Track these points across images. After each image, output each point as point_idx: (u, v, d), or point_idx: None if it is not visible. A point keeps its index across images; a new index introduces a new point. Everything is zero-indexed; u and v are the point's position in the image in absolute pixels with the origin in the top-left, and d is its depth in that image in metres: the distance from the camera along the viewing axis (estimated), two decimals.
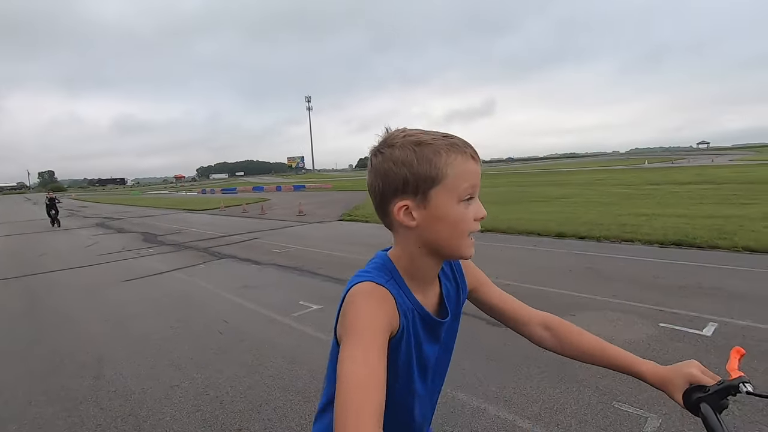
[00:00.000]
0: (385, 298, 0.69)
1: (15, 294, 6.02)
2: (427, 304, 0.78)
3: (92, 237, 12.51)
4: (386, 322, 0.67)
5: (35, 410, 2.80)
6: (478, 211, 0.72)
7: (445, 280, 0.83)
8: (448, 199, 0.69)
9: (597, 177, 27.60)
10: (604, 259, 6.00)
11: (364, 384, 0.58)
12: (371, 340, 0.63)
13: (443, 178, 0.69)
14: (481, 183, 0.73)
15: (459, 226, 0.70)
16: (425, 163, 0.69)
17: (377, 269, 0.75)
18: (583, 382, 2.70)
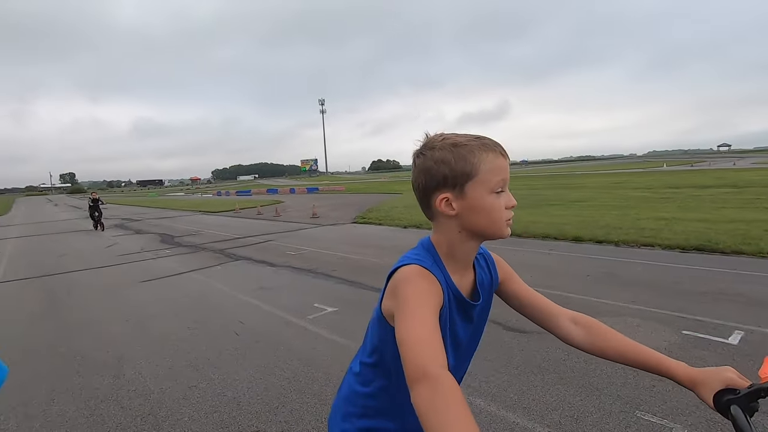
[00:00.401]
0: (431, 281, 0.79)
1: (37, 294, 6.18)
2: (463, 287, 0.87)
3: (112, 238, 12.78)
4: (436, 301, 0.77)
5: (58, 408, 2.86)
6: (509, 200, 0.83)
7: (479, 268, 0.93)
8: (482, 191, 0.80)
9: (614, 180, 27.14)
10: (623, 263, 5.89)
11: (424, 335, 0.67)
12: (426, 311, 0.72)
13: (477, 174, 0.80)
14: None
15: (492, 213, 0.81)
16: (461, 161, 0.80)
17: (422, 253, 0.86)
18: (604, 390, 2.65)
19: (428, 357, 0.64)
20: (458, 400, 0.58)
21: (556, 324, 0.93)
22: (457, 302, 0.86)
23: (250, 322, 4.32)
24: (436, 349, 0.66)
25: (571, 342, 0.92)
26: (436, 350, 0.66)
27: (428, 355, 0.64)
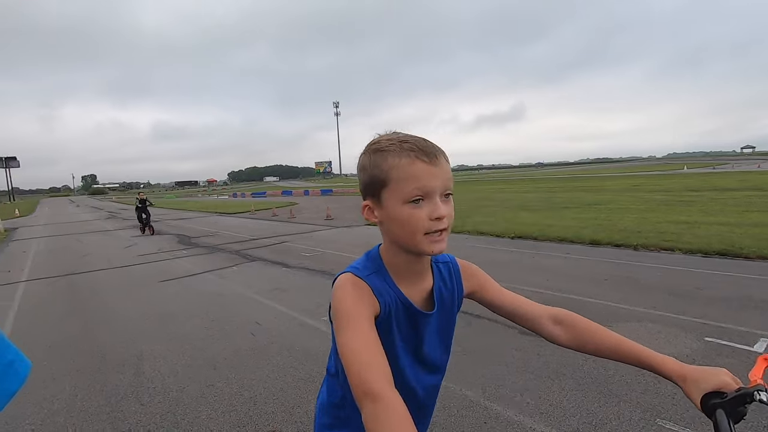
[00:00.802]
0: (360, 287, 0.77)
1: (62, 292, 6.35)
2: (414, 295, 0.83)
3: (131, 238, 13.06)
4: (367, 304, 0.75)
5: (81, 404, 2.93)
6: (433, 210, 0.74)
7: (439, 278, 0.88)
8: (395, 201, 0.75)
9: (632, 183, 26.62)
10: (643, 268, 5.77)
11: (363, 350, 0.66)
12: (357, 317, 0.72)
13: (389, 181, 0.75)
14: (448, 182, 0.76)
15: (407, 225, 0.75)
16: (375, 167, 0.77)
17: (364, 262, 0.84)
18: (623, 397, 2.60)
19: (368, 373, 0.63)
20: (400, 420, 0.58)
21: (539, 326, 0.89)
22: (405, 311, 0.82)
23: (266, 322, 4.36)
24: (376, 364, 0.65)
25: (556, 342, 0.88)
26: (377, 364, 0.65)
27: (368, 372, 0.63)
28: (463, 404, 2.65)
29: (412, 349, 0.85)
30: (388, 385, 0.62)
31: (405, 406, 0.60)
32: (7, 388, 0.38)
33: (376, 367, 0.64)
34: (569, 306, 0.94)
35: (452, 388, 2.83)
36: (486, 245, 8.30)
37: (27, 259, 10.08)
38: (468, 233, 9.86)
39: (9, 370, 0.39)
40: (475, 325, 3.90)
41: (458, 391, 2.80)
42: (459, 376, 2.99)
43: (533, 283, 5.26)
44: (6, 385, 0.38)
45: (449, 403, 2.66)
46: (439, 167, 0.75)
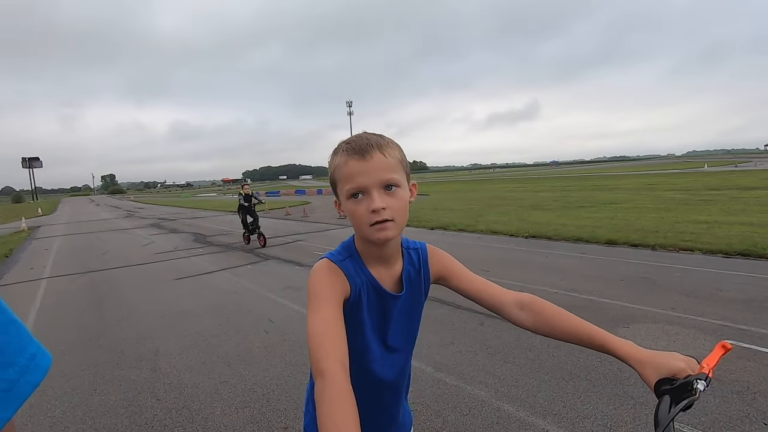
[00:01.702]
0: (335, 271, 0.84)
1: (82, 289, 6.51)
2: (384, 279, 0.89)
3: (148, 237, 13.31)
4: (337, 287, 0.82)
5: (99, 398, 3.00)
6: (370, 204, 0.79)
7: (408, 264, 0.94)
8: (343, 197, 0.83)
9: (649, 181, 26.08)
10: (661, 268, 5.65)
11: (320, 331, 0.72)
12: (323, 300, 0.78)
13: (336, 181, 0.84)
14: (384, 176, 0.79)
15: (354, 219, 0.82)
16: (330, 167, 0.86)
17: (340, 249, 0.90)
18: (639, 399, 2.55)
19: (323, 352, 0.69)
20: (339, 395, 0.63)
21: (504, 311, 0.91)
22: (375, 292, 0.88)
23: (279, 320, 4.40)
24: (332, 343, 0.71)
25: (521, 326, 0.89)
26: (333, 344, 0.71)
27: (324, 350, 0.69)
28: (474, 404, 2.63)
29: (379, 330, 0.90)
30: (336, 363, 0.67)
31: (348, 384, 0.65)
32: (30, 380, 0.39)
33: (330, 347, 0.70)
34: (584, 307, 0.93)
35: (463, 387, 2.82)
36: (499, 244, 8.23)
37: (49, 256, 10.36)
38: (481, 232, 9.80)
39: (31, 363, 0.40)
40: (487, 324, 3.88)
41: (469, 391, 2.78)
42: (470, 375, 2.98)
43: (547, 283, 5.20)
44: (29, 377, 0.39)
45: (460, 403, 2.65)
46: (372, 162, 0.79)
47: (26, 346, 0.41)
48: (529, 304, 0.89)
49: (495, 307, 0.92)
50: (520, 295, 0.91)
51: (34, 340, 0.44)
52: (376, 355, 0.91)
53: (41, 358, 0.43)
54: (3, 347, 0.39)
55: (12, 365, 0.39)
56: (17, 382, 0.39)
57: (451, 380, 2.94)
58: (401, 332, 0.94)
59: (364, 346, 0.89)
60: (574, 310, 0.88)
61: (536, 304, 0.88)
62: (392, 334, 0.93)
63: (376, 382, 0.92)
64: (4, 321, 0.40)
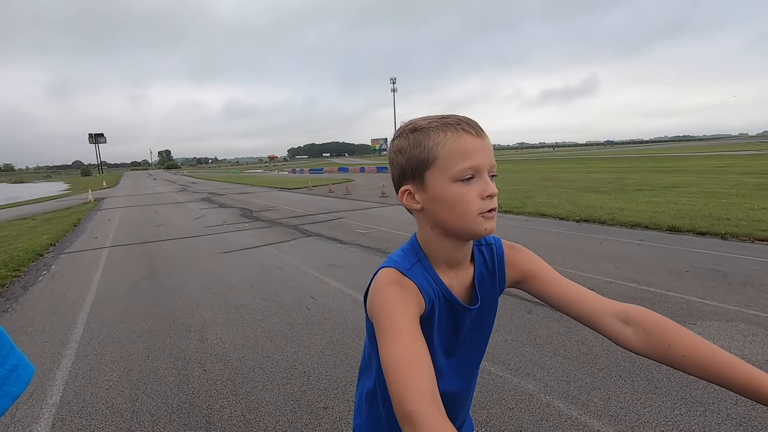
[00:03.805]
0: (404, 286, 0.71)
1: (138, 259, 6.90)
2: (456, 287, 0.77)
3: (199, 210, 13.93)
4: (412, 305, 0.69)
5: (152, 365, 3.14)
6: (485, 189, 0.69)
7: (481, 265, 0.81)
8: (442, 180, 0.69)
9: (718, 163, 23.90)
10: (733, 260, 5.13)
11: (408, 362, 0.59)
12: (400, 324, 0.65)
13: (435, 159, 0.69)
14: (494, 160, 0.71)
15: (458, 206, 0.69)
16: (417, 147, 0.70)
17: (405, 253, 0.77)
18: (710, 406, 2.30)
19: (411, 389, 0.56)
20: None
21: (602, 325, 0.72)
22: (447, 304, 0.76)
23: (321, 298, 4.42)
24: (417, 379, 0.58)
25: (624, 345, 0.70)
26: (418, 380, 0.58)
27: (407, 390, 0.57)
28: (520, 398, 2.49)
29: (448, 343, 0.79)
30: (427, 401, 0.56)
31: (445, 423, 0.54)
32: (9, 392, 0.37)
33: (417, 384, 0.57)
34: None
35: (509, 379, 2.69)
36: (548, 228, 7.84)
37: (111, 227, 11.11)
38: (529, 215, 9.39)
39: (12, 374, 0.37)
40: (535, 313, 3.68)
41: (515, 383, 2.64)
42: (517, 367, 2.83)
43: (601, 271, 4.87)
44: (8, 389, 0.37)
45: (505, 395, 2.52)
46: (485, 142, 0.71)
47: (7, 357, 0.38)
48: (637, 319, 0.69)
49: (589, 320, 0.74)
50: (623, 306, 0.72)
51: (17, 351, 0.40)
52: (444, 370, 0.80)
53: (23, 370, 0.39)
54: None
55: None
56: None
57: (495, 370, 2.81)
58: (472, 344, 0.84)
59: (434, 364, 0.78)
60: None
61: (646, 320, 0.69)
62: (462, 347, 0.81)
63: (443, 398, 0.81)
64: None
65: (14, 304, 4.79)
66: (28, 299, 4.97)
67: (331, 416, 2.42)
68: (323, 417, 2.41)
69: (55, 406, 2.65)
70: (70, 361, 3.26)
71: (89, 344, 3.55)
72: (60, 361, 3.26)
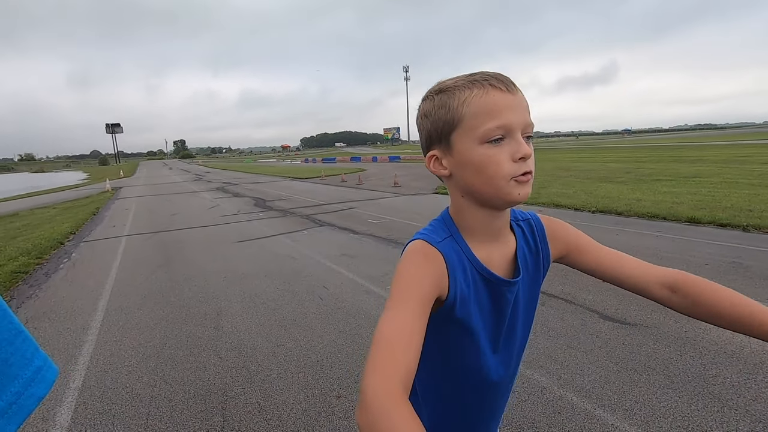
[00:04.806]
0: (432, 258, 0.66)
1: (154, 248, 7.03)
2: (492, 262, 0.72)
3: (214, 200, 14.10)
4: (428, 281, 0.64)
5: (169, 351, 3.21)
6: (517, 150, 0.63)
7: (522, 240, 0.77)
8: (470, 142, 0.64)
9: (741, 153, 23.18)
10: (756, 252, 4.99)
11: (388, 340, 0.56)
12: (406, 297, 0.61)
13: (461, 120, 0.64)
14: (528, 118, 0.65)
15: (486, 170, 0.64)
16: (442, 107, 0.66)
17: (436, 226, 0.73)
18: (728, 402, 2.26)
19: (381, 368, 0.52)
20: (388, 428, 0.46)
21: (650, 294, 0.75)
22: (483, 280, 0.70)
23: (333, 287, 4.45)
24: (394, 356, 0.54)
25: (672, 308, 0.74)
26: (395, 357, 0.54)
27: (379, 363, 0.53)
28: (533, 389, 2.48)
29: (491, 324, 0.74)
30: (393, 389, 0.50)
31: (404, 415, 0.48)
32: (35, 393, 0.37)
33: (389, 365, 0.53)
34: None
35: (521, 371, 2.67)
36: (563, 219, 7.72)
37: (128, 216, 11.32)
38: (543, 205, 9.27)
39: (37, 376, 0.38)
40: (548, 305, 3.64)
41: (528, 375, 2.63)
42: (530, 359, 2.81)
43: None
44: (34, 390, 0.38)
45: (518, 388, 2.51)
46: (518, 97, 0.65)
47: (32, 359, 0.39)
48: (682, 286, 0.71)
49: (636, 288, 0.76)
50: (667, 272, 0.74)
51: (41, 352, 0.40)
52: (487, 355, 0.75)
53: (47, 371, 0.40)
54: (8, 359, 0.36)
55: (17, 378, 0.36)
56: (21, 395, 0.36)
57: None
58: (516, 324, 0.78)
59: (471, 343, 0.72)
60: None
61: (690, 286, 0.71)
62: (507, 328, 0.76)
63: (481, 382, 0.77)
64: (11, 332, 0.37)
65: (37, 291, 4.94)
66: (50, 286, 5.12)
67: (344, 405, 2.45)
68: (336, 405, 2.44)
69: (77, 390, 2.74)
70: (91, 346, 3.36)
71: (109, 331, 3.64)
72: (81, 347, 3.36)
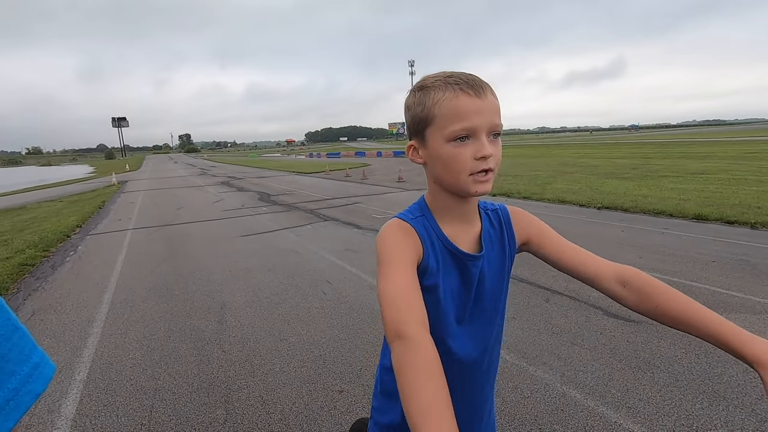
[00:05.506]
0: (406, 230, 0.76)
1: (159, 241, 7.07)
2: (460, 239, 0.80)
3: (218, 194, 14.14)
4: (410, 248, 0.74)
5: (173, 345, 3.23)
6: (478, 149, 0.70)
7: (488, 224, 0.85)
8: (439, 139, 0.72)
9: (751, 149, 22.90)
10: (763, 250, 4.94)
11: (395, 295, 0.65)
12: (396, 262, 0.70)
13: (433, 119, 0.72)
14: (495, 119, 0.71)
15: (451, 165, 0.72)
16: (419, 105, 0.74)
17: (411, 208, 0.83)
18: (733, 401, 2.24)
19: (402, 316, 0.62)
20: (429, 361, 0.56)
21: (602, 286, 0.80)
22: (451, 255, 0.79)
23: (336, 282, 4.46)
24: (410, 306, 0.64)
25: (621, 303, 0.79)
26: (411, 307, 0.64)
27: (402, 314, 0.62)
28: (536, 386, 2.48)
29: (456, 297, 0.80)
30: (419, 326, 0.61)
31: (434, 348, 0.59)
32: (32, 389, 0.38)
33: (410, 309, 0.63)
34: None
35: (525, 368, 2.67)
36: (568, 215, 7.69)
37: (134, 209, 11.39)
38: (548, 201, 9.22)
39: (35, 372, 0.39)
40: (553, 301, 3.63)
41: (531, 371, 2.62)
42: (532, 355, 2.80)
43: (624, 260, 4.72)
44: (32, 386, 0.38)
45: (521, 384, 2.50)
46: (486, 102, 0.70)
47: (30, 355, 0.39)
48: (632, 281, 0.76)
49: (590, 280, 0.81)
50: (621, 268, 0.79)
51: (38, 349, 0.41)
52: (453, 328, 0.80)
53: (44, 367, 0.40)
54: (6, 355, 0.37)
55: (14, 374, 0.37)
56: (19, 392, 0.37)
57: (511, 358, 2.79)
58: (483, 300, 0.83)
59: (439, 316, 0.78)
60: None
61: (640, 282, 0.76)
62: (472, 302, 0.82)
63: (455, 361, 0.81)
64: (8, 328, 0.37)
65: (44, 284, 4.99)
66: (56, 279, 5.16)
67: (347, 399, 2.45)
68: (339, 400, 2.45)
69: (82, 382, 2.76)
70: (96, 339, 3.39)
71: (114, 323, 3.67)
72: (86, 339, 3.39)
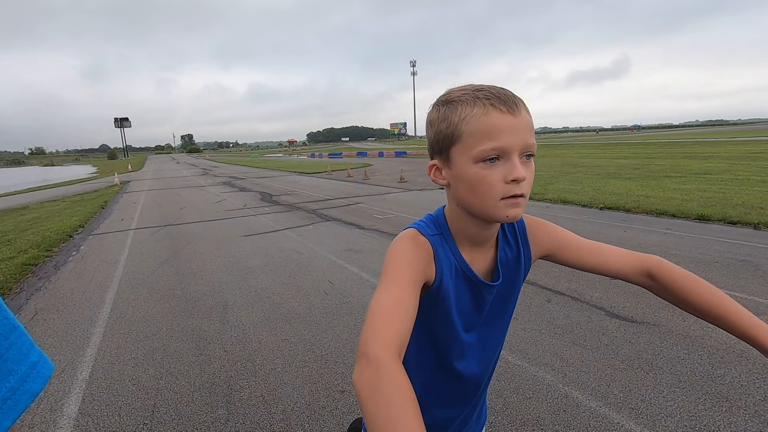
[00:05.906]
0: (422, 246, 0.71)
1: (161, 241, 7.08)
2: (477, 265, 0.76)
3: (220, 194, 14.16)
4: (418, 266, 0.68)
5: (175, 344, 3.24)
6: (510, 172, 0.63)
7: (503, 244, 0.80)
8: (466, 159, 0.65)
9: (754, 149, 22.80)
10: (766, 251, 4.92)
11: (380, 311, 0.59)
12: (398, 276, 0.65)
13: (459, 136, 0.66)
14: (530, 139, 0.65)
15: (478, 188, 0.65)
16: (444, 121, 0.68)
17: (429, 221, 0.76)
18: (736, 402, 2.23)
19: (373, 334, 0.56)
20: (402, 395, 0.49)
21: (629, 280, 0.81)
22: (466, 280, 0.75)
23: (338, 282, 4.46)
24: (389, 327, 0.57)
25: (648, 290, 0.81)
26: (390, 328, 0.57)
27: (374, 333, 0.56)
28: (538, 387, 2.47)
29: (468, 322, 0.78)
30: (389, 349, 0.55)
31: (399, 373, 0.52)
32: (30, 389, 0.38)
33: (385, 330, 0.57)
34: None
35: (526, 368, 2.66)
36: (570, 215, 7.67)
37: (136, 209, 11.41)
38: (550, 201, 9.20)
39: (32, 371, 0.39)
40: (554, 302, 3.62)
41: (533, 372, 2.62)
42: (534, 356, 2.80)
43: None
44: (29, 386, 0.38)
45: (522, 384, 2.50)
46: (520, 119, 0.64)
47: (27, 354, 0.39)
48: (658, 274, 0.77)
49: (618, 276, 0.82)
50: (643, 259, 0.79)
51: (36, 348, 0.40)
52: (464, 351, 0.80)
53: (42, 367, 0.39)
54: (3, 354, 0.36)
55: (12, 373, 0.36)
56: (17, 391, 0.36)
57: (513, 359, 2.78)
58: (494, 325, 0.83)
59: (450, 339, 0.77)
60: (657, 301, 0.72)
61: (665, 274, 0.76)
62: (483, 326, 0.81)
63: (459, 378, 0.82)
64: (6, 327, 0.37)
65: (46, 283, 5.00)
66: (59, 278, 5.18)
67: (348, 400, 2.45)
68: (340, 400, 2.45)
69: (84, 381, 2.77)
70: (98, 338, 3.40)
71: (116, 323, 3.68)
72: (89, 339, 3.39)
